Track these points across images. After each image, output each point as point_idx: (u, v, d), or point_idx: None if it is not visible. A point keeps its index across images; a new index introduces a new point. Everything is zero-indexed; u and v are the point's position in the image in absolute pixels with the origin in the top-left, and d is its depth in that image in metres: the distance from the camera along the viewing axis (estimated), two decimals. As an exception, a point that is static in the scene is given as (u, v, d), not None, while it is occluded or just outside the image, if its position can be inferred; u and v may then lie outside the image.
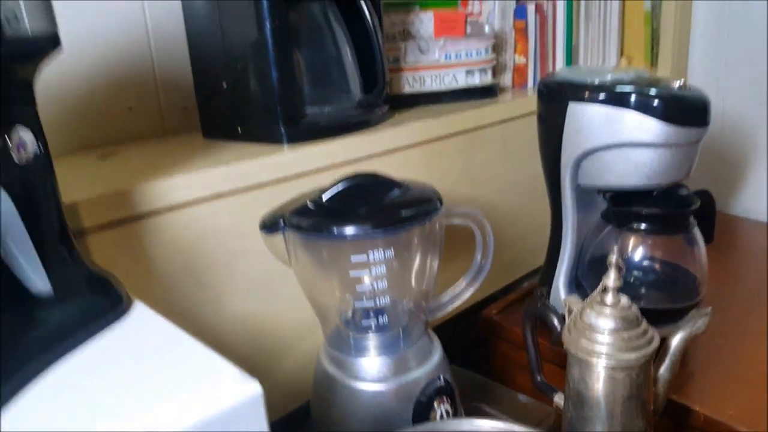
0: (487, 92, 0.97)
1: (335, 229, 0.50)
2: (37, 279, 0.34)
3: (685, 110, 0.69)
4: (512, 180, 0.97)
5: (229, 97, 0.71)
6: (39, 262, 0.34)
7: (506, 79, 1.07)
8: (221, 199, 0.59)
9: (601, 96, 0.71)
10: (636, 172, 0.72)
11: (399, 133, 0.76)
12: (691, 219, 0.75)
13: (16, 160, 0.36)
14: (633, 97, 0.69)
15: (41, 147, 0.38)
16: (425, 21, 1.02)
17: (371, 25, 0.71)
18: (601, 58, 1.19)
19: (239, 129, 0.70)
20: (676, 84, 0.71)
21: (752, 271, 0.99)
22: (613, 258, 0.49)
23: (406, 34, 1.01)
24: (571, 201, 0.78)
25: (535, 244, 0.95)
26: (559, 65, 1.10)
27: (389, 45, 0.89)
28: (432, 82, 0.93)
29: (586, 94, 0.73)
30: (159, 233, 0.55)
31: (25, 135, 0.37)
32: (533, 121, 0.97)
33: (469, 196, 0.90)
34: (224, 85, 0.70)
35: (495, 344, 0.87)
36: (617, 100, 0.70)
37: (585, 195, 0.79)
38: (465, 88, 0.95)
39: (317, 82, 0.73)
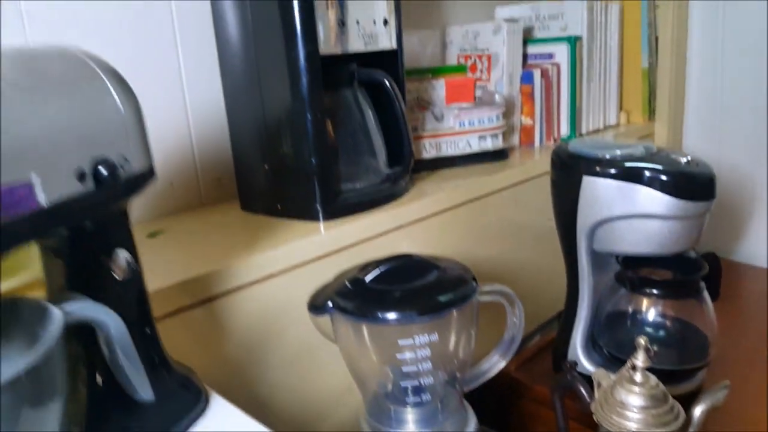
0: (498, 155, 1.02)
1: (380, 314, 0.54)
2: (143, 389, 0.38)
3: (693, 186, 0.74)
4: (525, 236, 1.02)
5: (269, 175, 0.76)
6: (145, 374, 0.38)
7: (514, 139, 1.13)
8: (271, 280, 0.64)
9: (615, 171, 0.76)
10: (647, 241, 0.77)
11: (422, 205, 0.81)
12: (701, 283, 0.80)
13: (118, 279, 0.40)
14: (644, 174, 0.75)
15: (136, 263, 0.42)
16: (437, 88, 1.08)
17: (399, 110, 0.77)
18: (602, 115, 1.26)
19: (278, 206, 0.75)
20: (683, 159, 0.77)
21: (754, 321, 1.04)
22: (642, 340, 0.54)
23: (421, 101, 1.07)
24: (587, 265, 0.83)
25: (548, 296, 1.00)
26: (564, 125, 1.16)
27: (409, 116, 0.95)
28: (448, 148, 0.99)
29: (600, 168, 0.78)
30: (217, 316, 0.60)
31: (124, 256, 0.41)
32: (542, 182, 1.03)
33: (486, 256, 0.95)
34: (265, 166, 0.75)
35: (518, 402, 0.91)
36: (630, 176, 0.76)
37: (599, 256, 0.84)
38: (478, 152, 1.00)
39: (350, 161, 0.78)
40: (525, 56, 1.15)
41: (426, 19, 1.17)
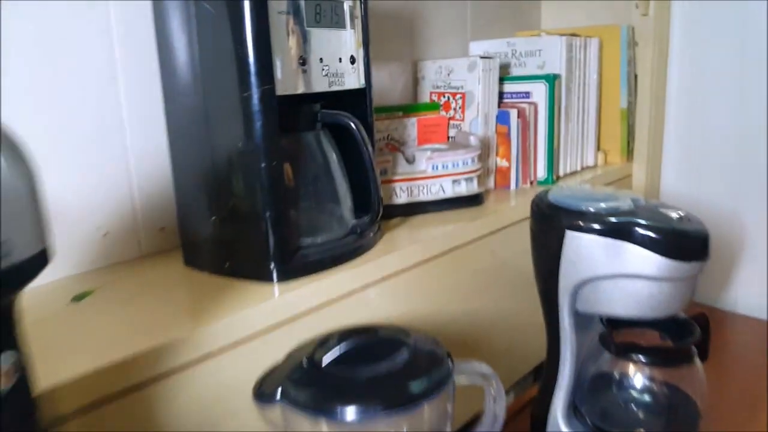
0: (473, 200, 0.95)
1: (339, 409, 0.46)
2: None
3: (686, 246, 0.68)
4: (500, 288, 0.95)
5: (216, 228, 0.67)
6: None
7: (489, 181, 1.06)
8: (213, 358, 0.55)
9: (601, 227, 0.70)
10: (636, 304, 0.71)
11: (391, 260, 0.73)
12: (692, 348, 0.73)
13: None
14: (633, 230, 0.68)
15: (23, 367, 0.33)
16: (409, 127, 1.02)
17: (367, 157, 0.69)
18: (579, 156, 1.20)
19: (226, 264, 0.66)
20: (674, 215, 0.71)
21: (745, 375, 0.99)
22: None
23: (391, 141, 1.00)
24: (569, 327, 0.76)
25: (525, 348, 0.92)
26: (541, 167, 1.10)
27: (378, 158, 0.87)
28: (420, 192, 0.92)
29: (584, 223, 0.72)
30: (145, 407, 0.50)
31: (7, 360, 0.32)
32: (519, 229, 0.97)
33: (460, 311, 0.87)
34: (212, 218, 0.66)
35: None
36: (617, 232, 0.69)
37: (583, 316, 0.77)
38: (452, 197, 0.93)
39: (310, 211, 0.70)
40: (501, 94, 1.09)
41: (397, 53, 1.11)
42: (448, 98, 1.08)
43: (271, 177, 0.62)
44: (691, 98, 1.30)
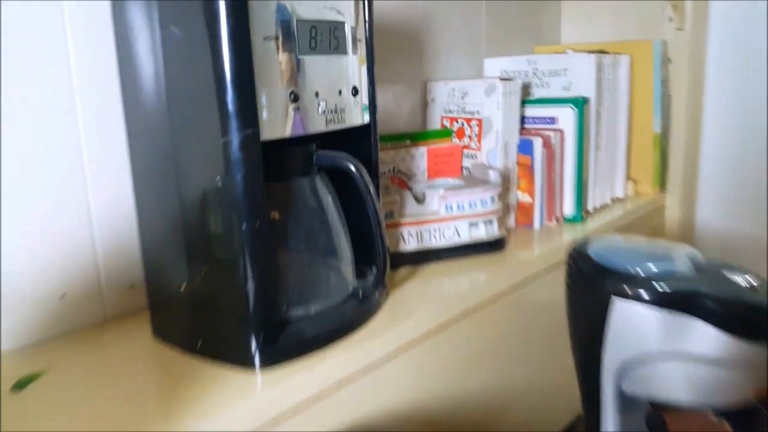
0: (492, 246, 0.83)
1: None
2: None
3: (760, 323, 0.55)
4: (526, 350, 0.83)
5: (187, 299, 0.55)
6: None
7: (509, 220, 0.94)
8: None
9: (656, 297, 0.58)
10: (697, 389, 0.58)
11: (400, 331, 0.61)
12: (764, 442, 0.61)
13: None
14: (696, 303, 0.56)
15: None
16: (417, 157, 0.90)
17: (371, 207, 0.57)
18: (608, 187, 1.08)
19: (198, 343, 0.54)
20: (741, 280, 0.58)
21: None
22: None
23: (397, 174, 0.88)
24: (614, 411, 0.63)
25: (556, 410, 0.80)
26: (568, 202, 0.98)
27: (383, 198, 0.75)
28: (432, 237, 0.79)
29: (636, 291, 0.59)
30: None
31: None
32: (549, 279, 0.84)
33: (482, 382, 0.75)
34: (182, 286, 0.54)
35: None
36: (676, 304, 0.57)
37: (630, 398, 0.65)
38: (468, 243, 0.81)
39: (302, 275, 0.58)
40: (522, 119, 0.96)
41: (403, 72, 0.99)
42: (462, 124, 0.96)
43: (255, 239, 0.49)
44: (729, 122, 1.18)
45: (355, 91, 0.58)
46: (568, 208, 0.98)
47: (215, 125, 0.47)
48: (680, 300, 0.58)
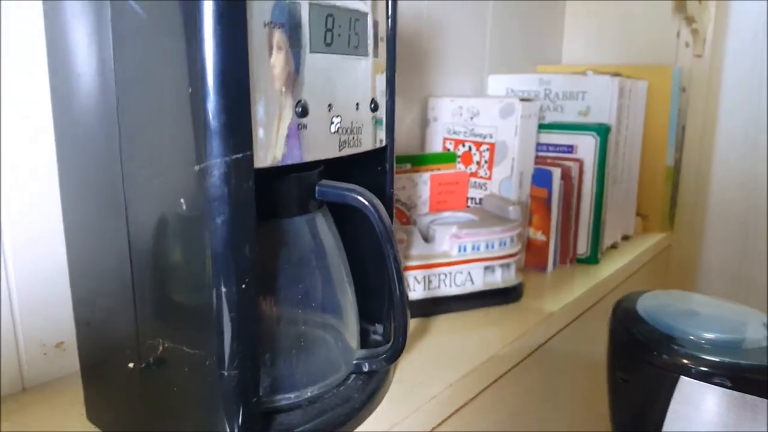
0: (508, 295, 0.70)
1: None
2: None
3: None
4: (560, 406, 0.70)
5: (137, 379, 0.39)
6: None
7: (520, 260, 0.82)
8: None
9: (732, 375, 0.46)
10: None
11: (413, 421, 0.47)
12: None
13: None
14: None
15: None
16: (419, 184, 0.76)
17: (392, 259, 0.43)
18: (620, 225, 0.97)
19: (151, 441, 0.39)
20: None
21: None
22: None
23: (396, 202, 0.74)
24: None
25: None
26: (582, 241, 0.86)
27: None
28: (441, 284, 0.66)
29: (707, 368, 0.48)
30: None
31: None
32: (572, 332, 0.72)
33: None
34: (130, 365, 0.39)
35: None
36: (750, 384, 0.46)
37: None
38: (483, 290, 0.68)
39: (296, 349, 0.43)
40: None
41: (400, 87, 0.85)
42: (470, 148, 0.83)
43: (239, 306, 0.35)
44: (739, 156, 1.09)
45: (374, 106, 0.44)
46: (582, 247, 0.86)
47: (186, 147, 0.33)
48: (757, 380, 0.47)
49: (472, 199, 0.83)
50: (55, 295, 0.49)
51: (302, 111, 0.37)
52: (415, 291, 0.65)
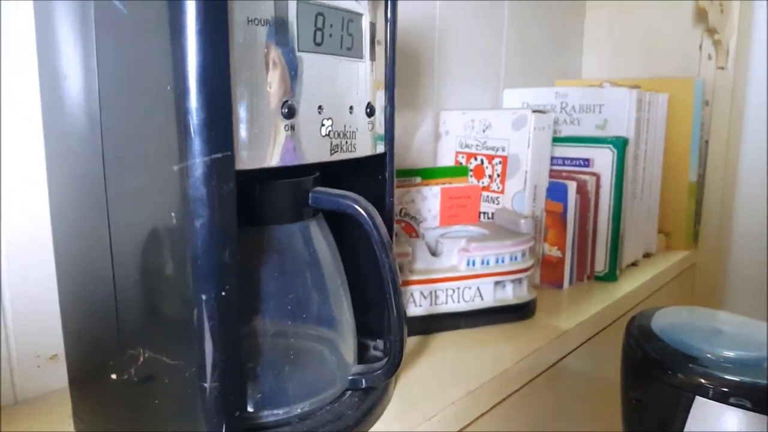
0: (520, 311, 0.67)
1: None
2: None
3: None
4: (573, 428, 0.67)
5: (119, 392, 0.38)
6: None
7: (534, 277, 0.79)
8: None
9: (750, 401, 0.43)
10: None
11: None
12: None
13: None
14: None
15: None
16: (429, 198, 0.74)
17: (388, 270, 0.41)
18: (641, 242, 0.94)
19: (133, 455, 0.37)
20: None
21: None
22: None
23: (405, 217, 0.73)
24: None
25: None
26: (600, 258, 0.83)
27: (391, 250, 0.59)
28: (448, 300, 0.64)
29: (726, 388, 0.45)
30: None
31: None
32: (587, 350, 0.69)
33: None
34: (112, 376, 0.38)
35: None
36: None
37: None
38: (493, 307, 0.65)
39: (285, 362, 0.41)
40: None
41: (411, 99, 0.84)
42: (482, 161, 0.81)
43: (220, 313, 0.33)
44: (767, 171, 1.05)
45: (370, 110, 0.43)
46: (600, 264, 0.83)
47: (166, 146, 0.32)
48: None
49: (484, 213, 0.81)
50: (49, 306, 0.48)
51: (289, 112, 0.35)
52: (421, 306, 0.62)
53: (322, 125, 0.38)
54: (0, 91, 0.45)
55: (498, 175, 0.79)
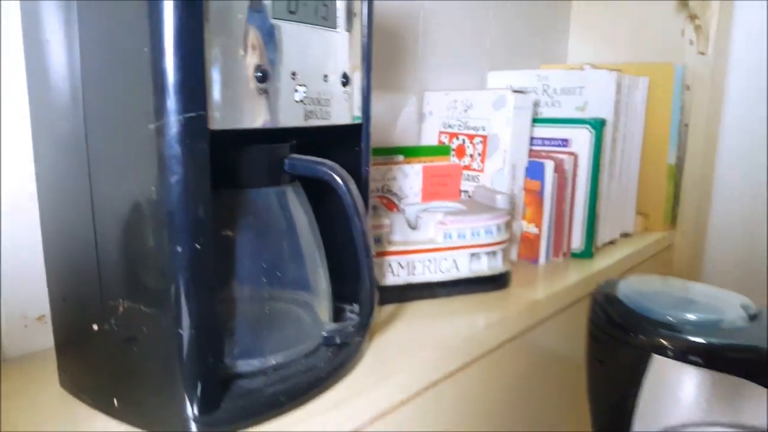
0: (495, 282, 0.70)
1: None
2: None
3: None
4: (537, 404, 0.70)
5: (101, 344, 0.40)
6: None
7: (512, 252, 0.81)
8: None
9: (703, 355, 0.46)
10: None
11: (385, 390, 0.47)
12: None
13: None
14: (751, 363, 0.44)
15: None
16: (410, 176, 0.76)
17: (360, 232, 0.43)
18: (618, 222, 0.96)
19: (115, 401, 0.40)
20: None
21: None
22: None
23: (387, 194, 0.75)
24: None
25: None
26: (576, 236, 0.85)
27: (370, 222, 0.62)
28: (425, 270, 0.66)
29: (680, 346, 0.47)
30: None
31: None
32: (557, 323, 0.72)
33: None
34: (94, 326, 0.40)
35: None
36: (727, 363, 0.45)
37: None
38: (468, 277, 0.68)
39: (260, 315, 0.44)
40: (530, 140, 0.84)
41: (395, 79, 0.86)
42: (463, 141, 0.83)
43: (193, 265, 0.36)
44: (744, 155, 1.07)
45: (345, 80, 0.45)
46: (576, 242, 0.86)
47: (146, 105, 0.34)
48: (732, 359, 0.46)
49: (465, 191, 0.83)
50: (37, 268, 0.50)
51: (263, 76, 0.37)
52: (398, 276, 0.65)
53: (296, 91, 0.41)
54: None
55: (478, 154, 0.81)
